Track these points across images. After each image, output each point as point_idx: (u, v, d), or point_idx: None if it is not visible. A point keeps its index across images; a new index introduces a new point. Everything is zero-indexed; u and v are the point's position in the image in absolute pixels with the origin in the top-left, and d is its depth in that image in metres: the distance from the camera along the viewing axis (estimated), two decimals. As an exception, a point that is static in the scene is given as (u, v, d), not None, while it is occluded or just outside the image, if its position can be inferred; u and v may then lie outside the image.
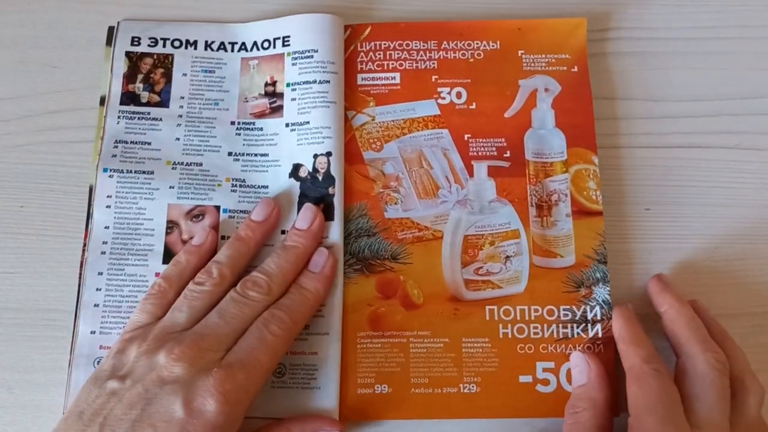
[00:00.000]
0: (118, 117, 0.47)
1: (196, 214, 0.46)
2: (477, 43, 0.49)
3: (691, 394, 0.38)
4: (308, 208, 0.44)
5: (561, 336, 0.44)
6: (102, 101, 0.48)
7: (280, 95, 0.48)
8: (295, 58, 0.48)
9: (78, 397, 0.38)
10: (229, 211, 0.46)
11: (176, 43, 0.49)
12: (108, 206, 0.45)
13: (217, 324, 0.39)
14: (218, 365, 0.37)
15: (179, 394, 0.36)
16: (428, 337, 0.44)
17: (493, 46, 0.49)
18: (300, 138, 0.46)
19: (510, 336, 0.44)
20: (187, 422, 0.35)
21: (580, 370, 0.42)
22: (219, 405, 0.36)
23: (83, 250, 0.45)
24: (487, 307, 0.44)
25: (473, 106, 0.48)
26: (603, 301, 0.44)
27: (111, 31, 0.50)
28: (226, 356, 0.38)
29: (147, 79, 0.49)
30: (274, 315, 0.40)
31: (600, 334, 0.43)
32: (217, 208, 0.46)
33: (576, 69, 0.48)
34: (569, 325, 0.44)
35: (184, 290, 0.41)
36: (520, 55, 0.49)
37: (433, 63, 0.49)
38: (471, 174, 0.46)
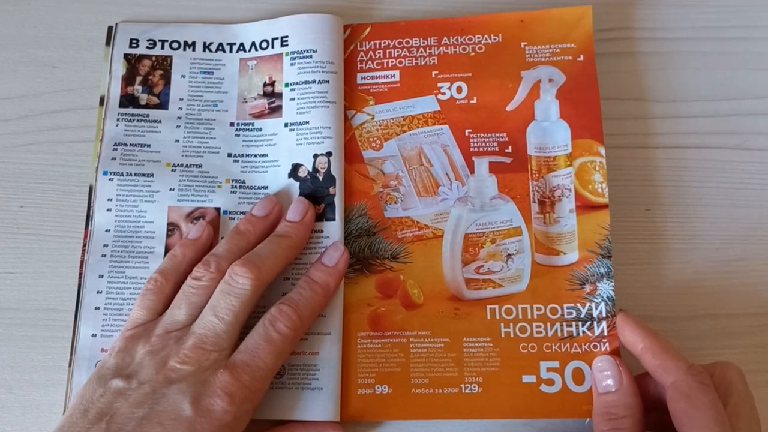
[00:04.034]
0: (117, 119, 0.47)
1: (196, 216, 0.45)
2: (478, 38, 0.48)
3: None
4: (300, 200, 0.44)
5: (565, 335, 0.43)
6: (102, 101, 0.48)
7: (279, 95, 0.48)
8: (294, 58, 0.48)
9: (81, 394, 0.38)
10: (230, 212, 0.46)
11: (174, 45, 0.49)
12: (109, 209, 0.45)
13: (214, 323, 0.39)
14: (224, 365, 0.37)
15: (187, 394, 0.36)
16: (429, 336, 0.43)
17: (494, 39, 0.48)
18: (299, 138, 0.46)
19: (512, 335, 0.43)
20: (195, 421, 0.36)
21: (610, 375, 0.40)
22: (226, 405, 0.36)
23: (83, 251, 0.45)
24: (488, 307, 0.44)
25: (474, 101, 0.47)
26: (608, 297, 0.43)
27: (110, 30, 0.50)
28: (232, 355, 0.38)
29: (146, 81, 0.48)
30: (281, 311, 0.40)
31: (606, 332, 0.42)
32: (218, 210, 0.46)
33: (582, 58, 0.47)
34: (574, 324, 0.43)
35: (183, 286, 0.41)
36: (522, 46, 0.48)
37: (433, 59, 0.48)
38: (472, 170, 0.46)
